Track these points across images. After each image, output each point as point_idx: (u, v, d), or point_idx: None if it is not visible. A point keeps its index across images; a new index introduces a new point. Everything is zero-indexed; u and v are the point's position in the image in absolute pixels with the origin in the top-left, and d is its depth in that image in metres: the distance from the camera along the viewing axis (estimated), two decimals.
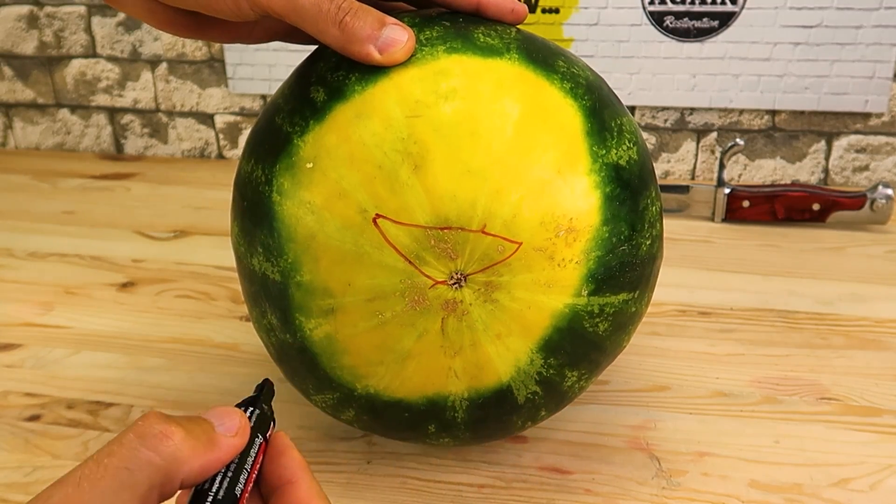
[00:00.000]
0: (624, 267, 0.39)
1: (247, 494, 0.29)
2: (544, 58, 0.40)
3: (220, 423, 0.29)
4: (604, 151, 0.39)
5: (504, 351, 0.38)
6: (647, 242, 0.41)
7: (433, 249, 0.36)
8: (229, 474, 0.28)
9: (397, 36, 0.38)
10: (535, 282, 0.37)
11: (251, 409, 0.32)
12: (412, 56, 0.38)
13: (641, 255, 0.40)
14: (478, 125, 0.37)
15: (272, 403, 0.34)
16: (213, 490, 0.28)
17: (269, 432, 0.32)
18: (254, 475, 0.30)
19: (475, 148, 0.36)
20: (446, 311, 0.37)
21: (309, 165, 0.38)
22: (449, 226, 0.36)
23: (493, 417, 0.41)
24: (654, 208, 0.42)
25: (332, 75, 0.39)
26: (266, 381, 0.34)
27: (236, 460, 0.29)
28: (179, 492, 0.28)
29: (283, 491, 0.30)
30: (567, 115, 0.39)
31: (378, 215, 0.36)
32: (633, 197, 0.40)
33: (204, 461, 0.27)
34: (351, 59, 0.38)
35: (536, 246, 0.37)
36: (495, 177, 0.36)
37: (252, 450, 0.30)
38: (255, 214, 0.40)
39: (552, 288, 0.37)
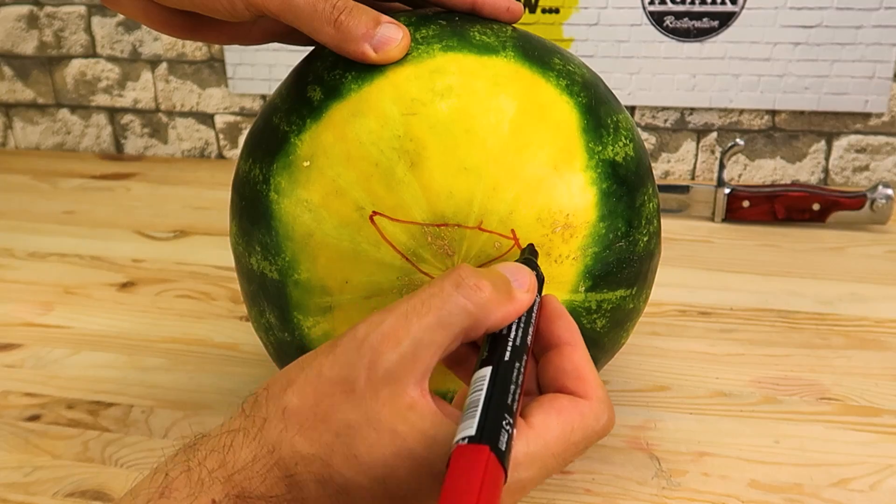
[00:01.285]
0: (621, 263, 0.39)
1: (530, 352, 0.31)
2: (540, 55, 0.40)
3: (515, 279, 0.31)
4: (600, 148, 0.39)
5: None
6: (645, 239, 0.41)
7: (430, 246, 0.36)
8: (521, 325, 0.31)
9: (392, 34, 0.38)
10: None
11: (534, 269, 0.33)
12: (408, 54, 0.38)
13: (639, 252, 0.40)
14: (474, 122, 0.37)
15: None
16: (511, 337, 0.30)
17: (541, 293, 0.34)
18: (533, 335, 0.31)
19: (471, 145, 0.37)
20: None
21: (306, 164, 0.38)
22: (445, 223, 0.36)
23: None
24: (651, 205, 0.42)
25: (328, 74, 0.39)
26: (531, 244, 0.36)
27: (525, 314, 0.31)
28: None
29: (560, 351, 0.31)
30: (563, 112, 0.39)
31: (375, 213, 0.36)
32: (629, 193, 0.40)
33: (504, 312, 0.30)
34: (347, 59, 0.38)
35: (533, 242, 0.37)
36: (491, 173, 0.36)
37: (534, 307, 0.32)
38: (252, 213, 0.40)
39: (549, 284, 0.37)
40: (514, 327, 0.30)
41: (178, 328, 0.62)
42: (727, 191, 0.78)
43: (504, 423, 0.26)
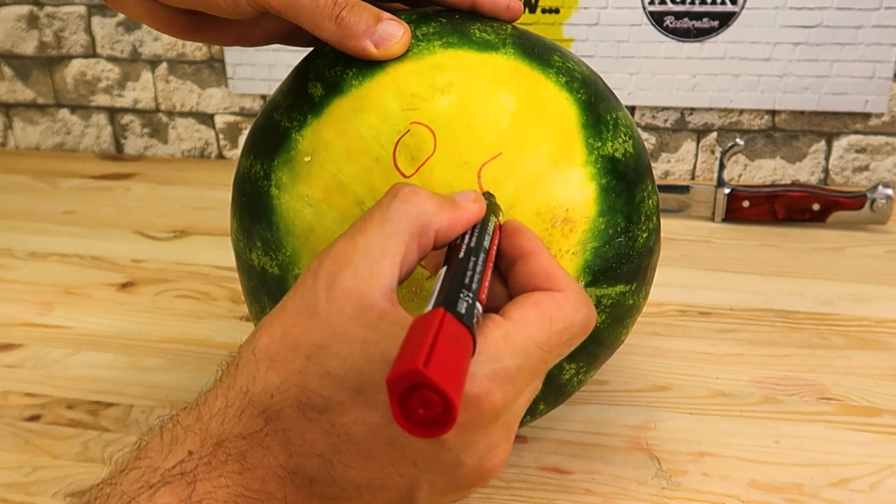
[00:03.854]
0: (621, 259, 0.39)
1: (492, 258, 0.30)
2: (540, 52, 0.41)
3: (458, 195, 0.32)
4: (599, 144, 0.39)
5: None
6: (644, 235, 0.41)
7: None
8: (475, 232, 0.31)
9: (393, 30, 0.38)
10: None
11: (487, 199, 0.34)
12: (408, 51, 0.39)
13: (638, 248, 0.40)
14: (473, 118, 0.37)
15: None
16: (465, 241, 0.30)
17: (500, 219, 0.34)
18: (493, 249, 0.31)
19: (471, 140, 0.37)
20: None
21: (307, 159, 0.38)
22: None
23: None
24: (650, 201, 0.42)
25: (329, 71, 0.39)
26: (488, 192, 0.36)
27: (479, 226, 0.31)
28: (433, 252, 0.31)
29: (526, 259, 0.31)
30: (562, 108, 0.39)
31: None
32: (629, 189, 0.40)
33: (451, 216, 0.30)
34: (348, 55, 0.39)
35: None
36: (491, 168, 0.37)
37: (489, 224, 0.32)
38: (253, 209, 0.40)
39: None
40: (467, 234, 0.31)
41: (178, 328, 0.62)
42: (727, 191, 0.78)
43: (461, 294, 0.25)
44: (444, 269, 0.28)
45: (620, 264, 0.39)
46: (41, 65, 1.03)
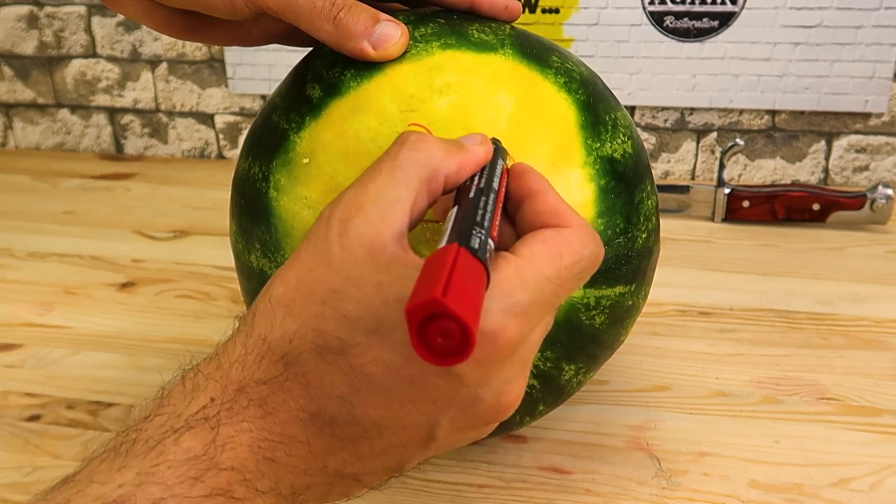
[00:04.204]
0: (620, 259, 0.39)
1: (501, 198, 0.31)
2: (538, 53, 0.41)
3: (464, 139, 0.32)
4: (598, 144, 0.39)
5: None
6: (643, 236, 0.41)
7: (429, 243, 0.36)
8: (484, 174, 0.31)
9: (391, 31, 0.38)
10: None
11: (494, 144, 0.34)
12: (406, 52, 0.38)
13: (637, 248, 0.40)
14: (472, 119, 0.37)
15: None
16: (475, 183, 0.30)
17: (507, 163, 0.34)
18: (502, 191, 0.31)
19: None
20: None
21: (305, 161, 0.38)
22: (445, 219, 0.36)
23: None
24: (649, 202, 0.42)
25: (327, 72, 0.39)
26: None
27: (487, 168, 0.32)
28: (443, 198, 0.31)
29: (534, 198, 0.31)
30: (561, 109, 0.39)
31: None
32: (627, 190, 0.40)
33: (459, 161, 0.31)
34: (346, 57, 0.39)
35: None
36: None
37: (497, 167, 0.32)
38: (252, 211, 0.40)
39: None
40: (476, 176, 0.31)
41: (178, 328, 0.62)
42: (727, 191, 0.78)
43: (474, 231, 0.26)
44: (455, 209, 0.29)
45: (619, 265, 0.39)
46: (41, 65, 1.03)
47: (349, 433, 0.28)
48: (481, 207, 0.28)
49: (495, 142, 0.35)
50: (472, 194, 0.29)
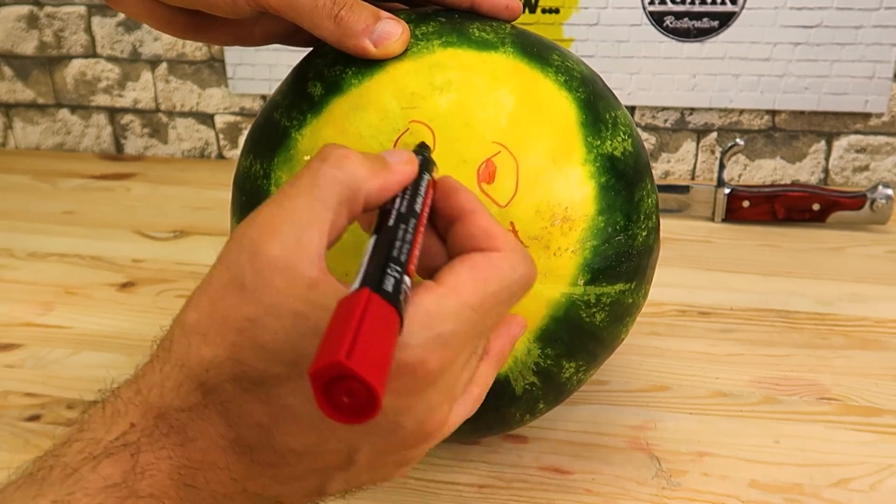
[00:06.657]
0: (620, 257, 0.39)
1: (424, 220, 0.30)
2: (539, 51, 0.41)
3: (389, 156, 0.31)
4: (598, 142, 0.39)
5: None
6: (644, 234, 0.41)
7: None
8: (407, 195, 0.30)
9: (392, 29, 0.38)
10: None
11: (420, 153, 0.33)
12: (407, 50, 0.39)
13: (637, 246, 0.40)
14: (472, 116, 0.37)
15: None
16: (396, 207, 0.29)
17: (434, 175, 0.33)
18: (426, 207, 0.31)
19: (470, 138, 0.37)
20: None
21: (307, 158, 0.38)
22: None
23: (491, 409, 0.41)
24: (649, 200, 0.42)
25: (328, 70, 0.40)
26: (423, 142, 0.36)
27: (411, 187, 0.31)
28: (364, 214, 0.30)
29: (464, 219, 0.30)
30: (561, 107, 0.39)
31: None
32: (628, 188, 0.40)
33: (382, 181, 0.30)
34: (347, 54, 0.39)
35: (532, 235, 0.37)
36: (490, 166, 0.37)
37: (422, 183, 0.31)
38: (253, 209, 0.40)
39: (548, 277, 0.38)
40: (398, 198, 0.30)
41: None
42: (727, 191, 0.78)
43: (388, 270, 0.25)
44: (373, 239, 0.28)
45: (620, 262, 0.40)
46: (41, 65, 1.03)
47: (268, 459, 0.28)
48: (399, 239, 0.27)
49: (422, 150, 0.34)
50: (391, 221, 0.28)
